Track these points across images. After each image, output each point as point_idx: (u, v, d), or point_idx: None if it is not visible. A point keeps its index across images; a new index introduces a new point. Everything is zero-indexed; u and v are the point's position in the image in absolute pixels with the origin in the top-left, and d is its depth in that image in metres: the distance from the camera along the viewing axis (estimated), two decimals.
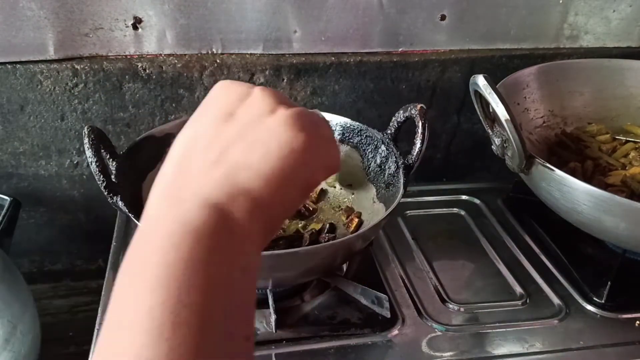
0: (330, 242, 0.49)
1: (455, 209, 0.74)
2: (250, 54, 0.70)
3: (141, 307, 0.22)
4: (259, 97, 0.29)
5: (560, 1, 0.75)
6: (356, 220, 0.61)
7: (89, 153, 0.51)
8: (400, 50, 0.74)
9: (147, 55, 0.68)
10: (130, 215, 0.51)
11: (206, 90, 0.71)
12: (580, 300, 0.60)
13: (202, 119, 0.29)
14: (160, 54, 0.68)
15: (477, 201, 0.76)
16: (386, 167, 0.61)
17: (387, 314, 0.55)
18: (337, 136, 0.66)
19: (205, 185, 0.26)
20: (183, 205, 0.25)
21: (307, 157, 0.28)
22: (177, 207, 0.25)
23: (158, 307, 0.22)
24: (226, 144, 0.27)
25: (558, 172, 0.56)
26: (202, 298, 0.22)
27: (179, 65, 0.68)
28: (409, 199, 0.74)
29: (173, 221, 0.24)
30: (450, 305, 0.58)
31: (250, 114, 0.28)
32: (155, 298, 0.22)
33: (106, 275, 0.59)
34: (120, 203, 0.51)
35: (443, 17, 0.73)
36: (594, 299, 0.59)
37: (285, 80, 0.72)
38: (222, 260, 0.24)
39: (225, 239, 0.25)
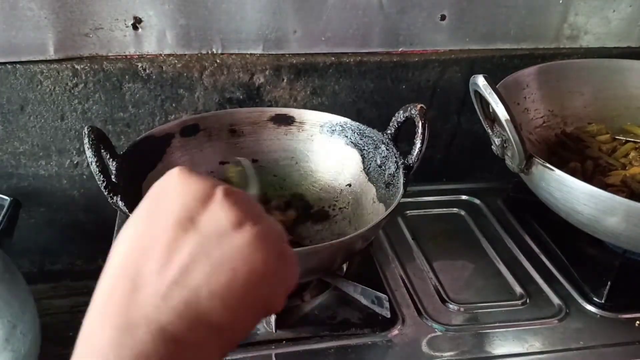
0: (330, 242, 0.49)
1: (455, 209, 0.74)
2: (250, 54, 0.70)
3: None
4: (224, 205, 0.25)
5: (560, 1, 0.75)
6: None
7: (89, 153, 0.51)
8: (400, 50, 0.74)
9: (147, 55, 0.68)
10: (130, 215, 0.51)
11: (206, 90, 0.71)
12: (580, 301, 0.60)
13: (156, 218, 0.25)
14: (160, 54, 0.68)
15: (477, 201, 0.76)
16: (386, 167, 0.61)
17: (387, 314, 0.55)
18: (337, 136, 0.66)
19: (163, 312, 0.23)
20: (135, 333, 0.22)
21: (273, 282, 0.26)
22: (128, 334, 0.22)
23: None
24: (187, 261, 0.24)
25: (558, 172, 0.56)
26: None
27: (179, 65, 0.68)
28: (409, 199, 0.74)
29: (123, 352, 0.22)
30: (450, 305, 0.58)
31: (214, 225, 0.24)
32: None
33: None
34: (120, 203, 0.51)
35: (443, 17, 0.73)
36: (594, 299, 0.59)
37: (285, 80, 0.72)
38: None
39: None
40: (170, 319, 0.22)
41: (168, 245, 0.24)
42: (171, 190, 0.26)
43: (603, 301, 0.59)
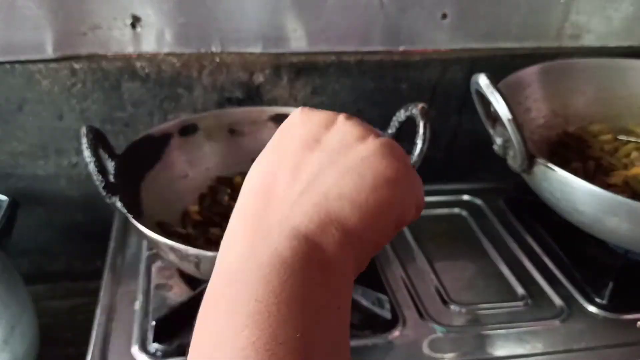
0: None
1: (456, 209, 0.74)
2: (250, 53, 0.70)
3: (234, 345, 0.20)
4: (346, 124, 0.27)
5: (562, 0, 0.74)
6: None
7: (87, 153, 0.50)
8: (401, 49, 0.74)
9: (146, 54, 0.68)
10: (128, 215, 0.51)
11: (205, 89, 0.70)
12: (582, 301, 0.59)
13: (283, 145, 0.27)
14: (159, 53, 0.68)
15: (478, 201, 0.75)
16: None
17: (388, 315, 0.55)
18: None
19: (294, 215, 0.24)
20: (270, 236, 0.23)
21: (400, 191, 0.26)
22: (263, 238, 0.23)
23: (251, 346, 0.20)
24: (315, 172, 0.25)
25: (560, 172, 0.56)
26: (298, 334, 0.21)
27: (177, 65, 0.68)
28: None
29: (260, 252, 0.22)
30: (452, 306, 0.58)
31: (339, 141, 0.26)
32: (247, 337, 0.20)
33: (104, 276, 0.59)
34: (118, 203, 0.51)
35: (444, 16, 0.72)
36: (596, 299, 0.59)
37: (285, 80, 0.72)
38: (316, 293, 0.22)
39: (317, 271, 0.23)
40: (301, 220, 0.23)
41: (296, 164, 0.26)
42: (296, 122, 0.28)
43: (605, 302, 0.58)
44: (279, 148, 0.28)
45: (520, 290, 0.60)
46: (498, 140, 0.61)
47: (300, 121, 0.28)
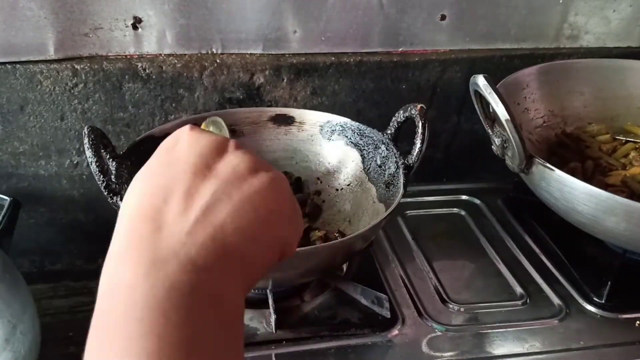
0: (330, 242, 0.49)
1: (455, 209, 0.74)
2: (250, 53, 0.70)
3: None
4: (237, 154, 0.27)
5: (561, 1, 0.75)
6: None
7: (88, 153, 0.51)
8: (400, 50, 0.74)
9: (147, 55, 0.68)
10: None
11: (206, 90, 0.71)
12: (581, 301, 0.60)
13: (171, 167, 0.26)
14: (160, 54, 0.68)
15: (477, 201, 0.76)
16: (386, 167, 0.61)
17: (387, 314, 0.55)
18: (337, 136, 0.66)
19: (191, 245, 0.23)
20: (166, 267, 0.22)
21: (289, 225, 0.28)
22: (158, 269, 0.22)
23: None
24: (209, 201, 0.24)
25: (558, 172, 0.56)
26: None
27: (178, 65, 0.68)
28: (409, 199, 0.74)
29: (156, 285, 0.22)
30: (451, 306, 0.58)
31: (232, 171, 0.26)
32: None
33: None
34: (120, 203, 0.51)
35: (443, 17, 0.73)
36: (594, 299, 0.59)
37: (285, 80, 0.72)
38: (213, 326, 0.22)
39: (213, 306, 0.23)
40: (198, 252, 0.23)
41: (188, 191, 0.25)
42: (185, 142, 0.27)
43: (603, 301, 0.59)
44: (166, 169, 0.26)
45: (518, 289, 0.61)
46: (497, 141, 0.62)
47: (188, 143, 0.27)
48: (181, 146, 0.27)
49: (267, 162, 0.29)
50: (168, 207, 0.24)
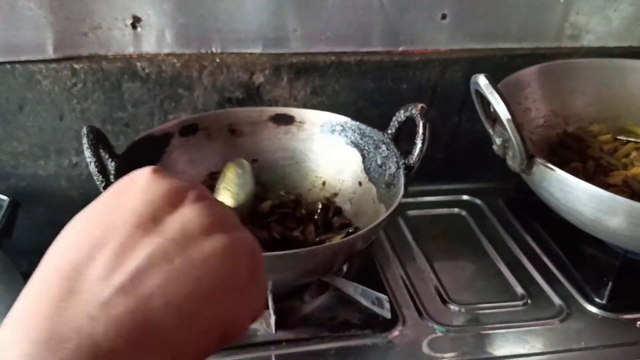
0: (331, 242, 0.49)
1: (456, 209, 0.74)
2: (250, 53, 0.70)
3: None
4: (194, 207, 0.22)
5: (562, 0, 0.75)
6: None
7: (87, 153, 0.50)
8: (400, 49, 0.74)
9: (146, 54, 0.68)
10: None
11: (205, 89, 0.70)
12: (582, 301, 0.59)
13: (113, 214, 0.22)
14: (159, 54, 0.68)
15: (478, 201, 0.75)
16: (387, 167, 0.60)
17: (388, 315, 0.55)
18: (337, 136, 0.66)
19: (99, 323, 0.18)
20: (58, 350, 0.17)
21: (238, 301, 0.22)
22: (49, 352, 0.17)
23: None
24: (142, 265, 0.20)
25: (559, 172, 0.56)
26: None
27: (178, 65, 0.68)
28: (410, 199, 0.73)
29: None
30: (451, 306, 0.58)
31: (180, 228, 0.21)
32: None
33: None
34: None
35: (444, 16, 0.72)
36: (595, 299, 0.59)
37: (285, 80, 0.72)
38: None
39: None
40: (108, 332, 0.18)
41: (122, 246, 0.20)
42: (137, 186, 0.23)
43: (604, 302, 0.59)
44: (105, 216, 0.22)
45: (519, 290, 0.61)
46: (497, 141, 0.61)
47: (141, 188, 0.23)
48: (133, 190, 0.23)
49: (235, 218, 0.24)
50: (92, 266, 0.20)
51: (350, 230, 0.60)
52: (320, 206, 0.64)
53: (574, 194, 0.56)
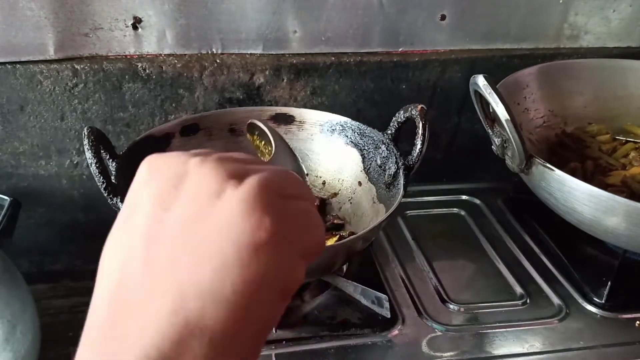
0: (330, 243, 0.50)
1: (455, 209, 0.74)
2: (250, 54, 0.70)
3: None
4: (197, 177, 0.20)
5: (561, 1, 0.75)
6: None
7: (88, 154, 0.50)
8: (400, 50, 0.74)
9: (147, 55, 0.68)
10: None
11: (206, 90, 0.71)
12: (581, 301, 0.60)
13: (133, 217, 0.21)
14: (160, 54, 0.68)
15: (477, 201, 0.75)
16: (386, 167, 0.61)
17: (387, 314, 0.55)
18: (337, 135, 0.66)
19: (146, 330, 0.18)
20: None
21: (281, 249, 0.20)
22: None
23: None
24: (168, 257, 0.19)
25: (558, 172, 0.56)
26: None
27: (178, 65, 0.68)
28: (409, 199, 0.74)
29: None
30: (451, 306, 0.58)
31: (190, 206, 0.20)
32: None
33: None
34: (120, 204, 0.51)
35: (443, 17, 0.72)
36: (594, 299, 0.59)
37: (285, 80, 0.72)
38: None
39: None
40: (153, 337, 0.18)
41: (146, 248, 0.20)
42: (143, 179, 0.22)
43: (603, 301, 0.59)
44: (129, 221, 0.21)
45: (518, 289, 0.61)
46: (497, 141, 0.62)
47: (147, 178, 0.21)
48: (142, 183, 0.22)
49: (248, 159, 0.22)
50: (130, 278, 0.20)
51: (343, 234, 0.60)
52: (317, 202, 0.64)
53: (572, 194, 0.56)
